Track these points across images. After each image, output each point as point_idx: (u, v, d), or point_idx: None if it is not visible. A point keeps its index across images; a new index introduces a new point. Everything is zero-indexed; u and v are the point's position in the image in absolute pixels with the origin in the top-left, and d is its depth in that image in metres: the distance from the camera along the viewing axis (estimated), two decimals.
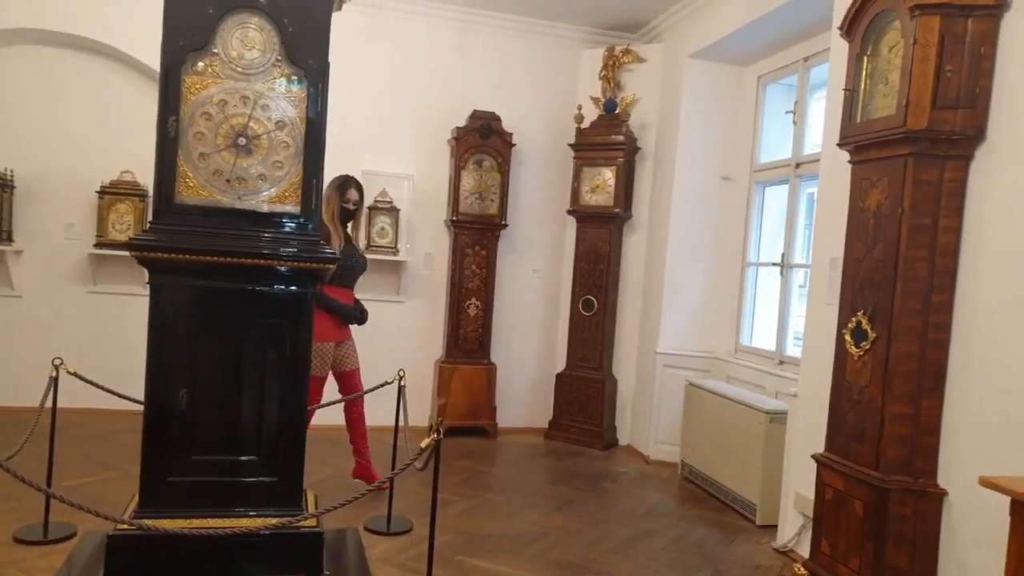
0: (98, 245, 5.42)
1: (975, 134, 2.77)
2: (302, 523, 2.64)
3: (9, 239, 5.33)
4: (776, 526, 3.93)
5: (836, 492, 3.11)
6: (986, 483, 2.20)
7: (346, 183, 4.11)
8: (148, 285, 2.65)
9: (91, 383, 3.37)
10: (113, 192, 5.43)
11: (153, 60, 2.69)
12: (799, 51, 4.83)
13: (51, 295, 5.51)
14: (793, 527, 3.73)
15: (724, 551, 3.77)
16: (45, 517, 3.26)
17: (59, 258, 5.52)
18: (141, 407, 2.65)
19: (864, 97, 3.11)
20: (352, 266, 4.15)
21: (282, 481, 2.72)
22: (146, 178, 5.08)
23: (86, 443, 4.57)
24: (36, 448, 3.12)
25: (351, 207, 4.12)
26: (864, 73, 3.13)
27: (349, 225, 4.27)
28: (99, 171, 5.40)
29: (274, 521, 2.60)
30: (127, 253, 2.65)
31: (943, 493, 2.83)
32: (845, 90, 3.19)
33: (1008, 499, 2.13)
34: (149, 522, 2.48)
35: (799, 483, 3.65)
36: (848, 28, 3.19)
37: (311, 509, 2.75)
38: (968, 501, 2.73)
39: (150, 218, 2.73)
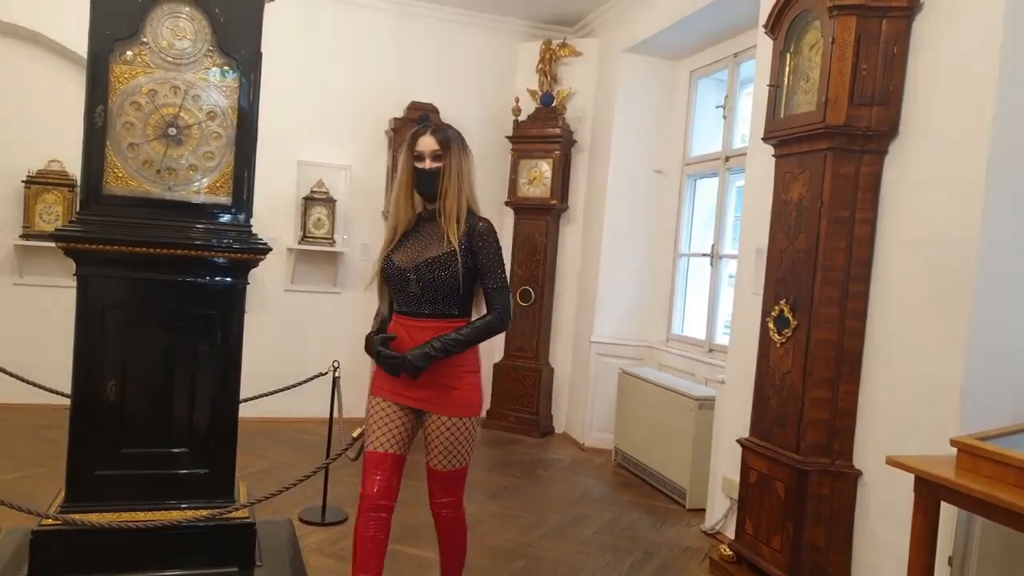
0: (24, 236, 5.24)
1: (888, 130, 2.91)
2: (233, 514, 2.64)
3: None
4: (705, 509, 4.07)
5: (759, 475, 3.24)
6: (892, 462, 2.35)
7: (418, 131, 2.46)
8: (76, 277, 2.61)
9: (15, 376, 3.28)
10: (40, 182, 5.26)
11: (82, 47, 2.63)
12: (729, 47, 4.96)
13: None
14: (720, 510, 3.87)
15: (655, 534, 3.90)
16: None
17: None
18: (69, 401, 2.60)
19: (787, 93, 3.24)
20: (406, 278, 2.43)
21: (213, 473, 2.71)
22: (75, 168, 4.93)
23: (11, 439, 4.43)
24: None
25: (427, 166, 2.40)
26: (787, 70, 3.25)
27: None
28: (26, 161, 5.22)
29: (205, 513, 2.60)
30: (54, 244, 2.60)
31: (858, 473, 2.99)
32: (769, 86, 3.31)
33: (913, 477, 2.28)
34: (76, 516, 2.45)
35: (726, 467, 3.79)
36: (772, 26, 3.31)
37: (243, 500, 2.75)
38: (879, 480, 2.88)
39: (78, 209, 2.68)
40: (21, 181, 5.24)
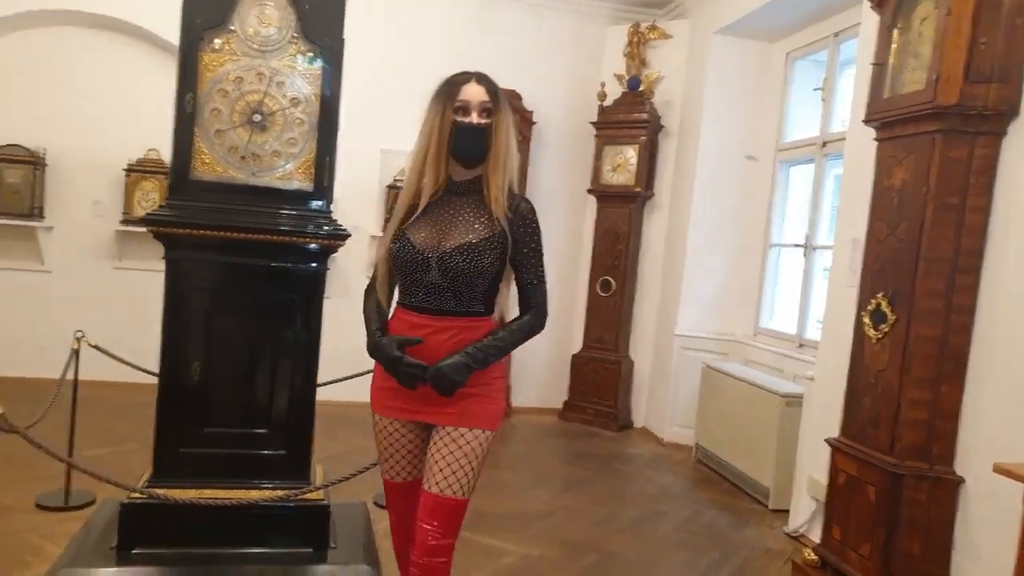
0: (124, 222, 5.51)
1: (1008, 109, 2.67)
2: (309, 496, 2.68)
3: (40, 215, 5.44)
4: (788, 511, 3.90)
5: (849, 477, 3.07)
6: (1000, 470, 2.17)
7: (457, 77, 1.97)
8: (164, 260, 2.69)
9: (112, 355, 3.43)
10: (139, 170, 5.51)
11: (177, 38, 2.71)
12: (829, 26, 4.72)
13: (79, 270, 5.61)
14: (805, 512, 3.70)
15: (734, 534, 3.76)
16: (66, 485, 3.33)
17: (87, 234, 5.61)
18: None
19: (893, 72, 3.02)
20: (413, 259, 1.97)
21: (291, 454, 2.76)
22: (169, 156, 5.14)
23: (109, 414, 4.66)
24: (61, 419, 3.18)
25: (473, 121, 1.93)
26: (894, 47, 3.03)
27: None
28: (127, 149, 5.48)
29: (282, 493, 2.65)
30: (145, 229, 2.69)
31: (959, 480, 2.78)
32: (873, 64, 3.11)
33: (1022, 486, 2.10)
34: (161, 491, 2.54)
35: (813, 468, 3.62)
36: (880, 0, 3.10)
37: (319, 483, 2.79)
38: (984, 488, 2.68)
39: (167, 194, 2.76)
40: (122, 169, 5.50)
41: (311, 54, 2.76)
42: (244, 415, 2.73)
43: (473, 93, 1.94)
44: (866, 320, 3.06)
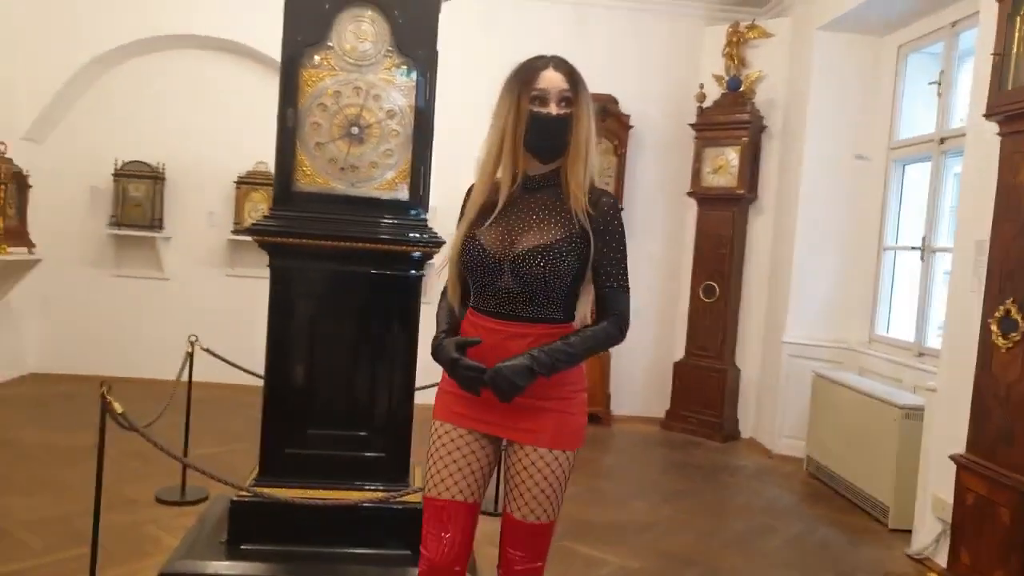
0: (235, 231, 5.81)
1: None
2: (408, 498, 2.72)
3: (160, 227, 5.81)
4: (911, 531, 3.65)
5: (978, 497, 2.85)
6: None
7: (534, 63, 1.77)
8: (269, 268, 2.80)
9: (222, 359, 3.60)
10: (249, 182, 5.82)
11: (279, 55, 2.84)
12: (945, 16, 4.44)
13: (194, 278, 5.96)
14: (930, 533, 3.45)
15: (850, 553, 3.55)
16: (182, 481, 3.53)
17: (202, 244, 5.96)
18: None
19: (1016, 62, 2.81)
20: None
21: (390, 456, 2.81)
22: None
23: (221, 415, 4.88)
24: (176, 418, 3.36)
25: (552, 111, 1.74)
26: (1017, 36, 2.81)
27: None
28: (237, 162, 5.79)
29: (381, 495, 2.69)
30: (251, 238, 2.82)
31: None
32: (994, 55, 2.89)
33: None
34: (267, 490, 2.63)
35: (937, 485, 3.37)
36: None
37: (418, 485, 2.82)
38: None
39: (271, 205, 2.88)
40: (233, 181, 5.82)
41: (405, 67, 2.81)
42: (346, 417, 2.80)
43: (551, 80, 1.73)
44: (994, 328, 2.84)
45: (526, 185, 1.79)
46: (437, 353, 1.77)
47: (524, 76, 1.75)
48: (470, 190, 1.85)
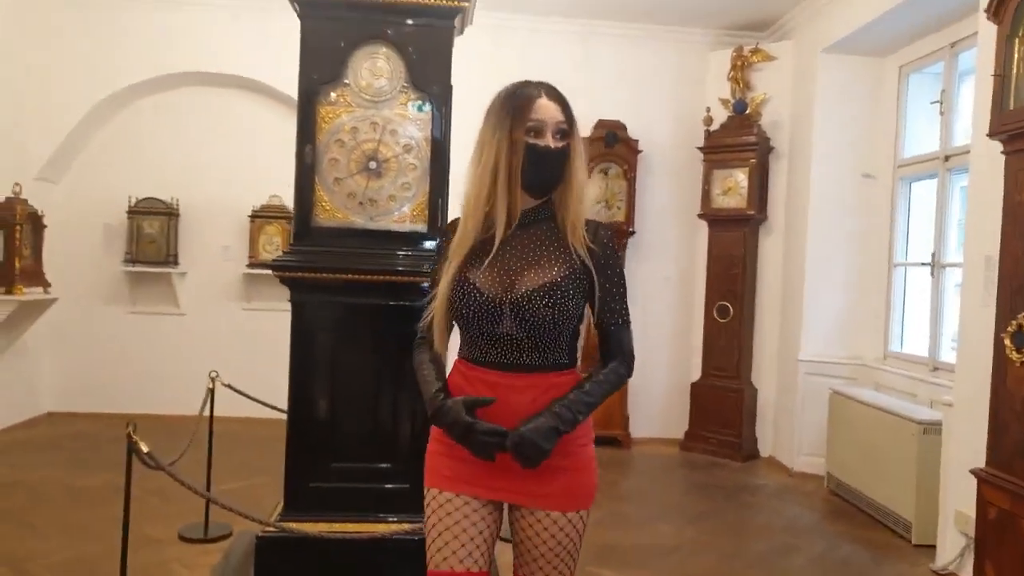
0: (250, 265, 5.87)
1: None
2: None
3: (175, 262, 5.88)
4: (935, 546, 3.64)
5: (1000, 511, 2.84)
6: None
7: (524, 90, 1.65)
8: (290, 303, 2.84)
9: (242, 394, 3.64)
10: (263, 216, 5.88)
11: (295, 91, 2.90)
12: (944, 37, 4.51)
13: (210, 312, 6.01)
14: (954, 548, 3.44)
15: (874, 571, 3.55)
16: (205, 517, 3.53)
17: (217, 278, 6.01)
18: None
19: (1017, 82, 2.86)
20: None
21: (414, 488, 2.80)
22: (291, 201, 5.44)
23: (242, 449, 4.90)
24: (199, 454, 3.38)
25: (550, 144, 1.61)
26: (1016, 56, 2.86)
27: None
28: (251, 196, 5.85)
29: (407, 527, 2.71)
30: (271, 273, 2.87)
31: None
32: (994, 76, 2.94)
33: None
34: (292, 525, 2.65)
35: (959, 500, 3.37)
36: (995, 9, 2.94)
37: None
38: None
39: (292, 240, 2.93)
40: (247, 215, 5.88)
41: (420, 101, 2.88)
42: (369, 450, 2.83)
43: (547, 111, 1.61)
44: (1007, 342, 2.85)
45: (519, 221, 1.64)
46: (440, 416, 1.57)
47: (516, 104, 1.61)
48: (448, 231, 1.70)
